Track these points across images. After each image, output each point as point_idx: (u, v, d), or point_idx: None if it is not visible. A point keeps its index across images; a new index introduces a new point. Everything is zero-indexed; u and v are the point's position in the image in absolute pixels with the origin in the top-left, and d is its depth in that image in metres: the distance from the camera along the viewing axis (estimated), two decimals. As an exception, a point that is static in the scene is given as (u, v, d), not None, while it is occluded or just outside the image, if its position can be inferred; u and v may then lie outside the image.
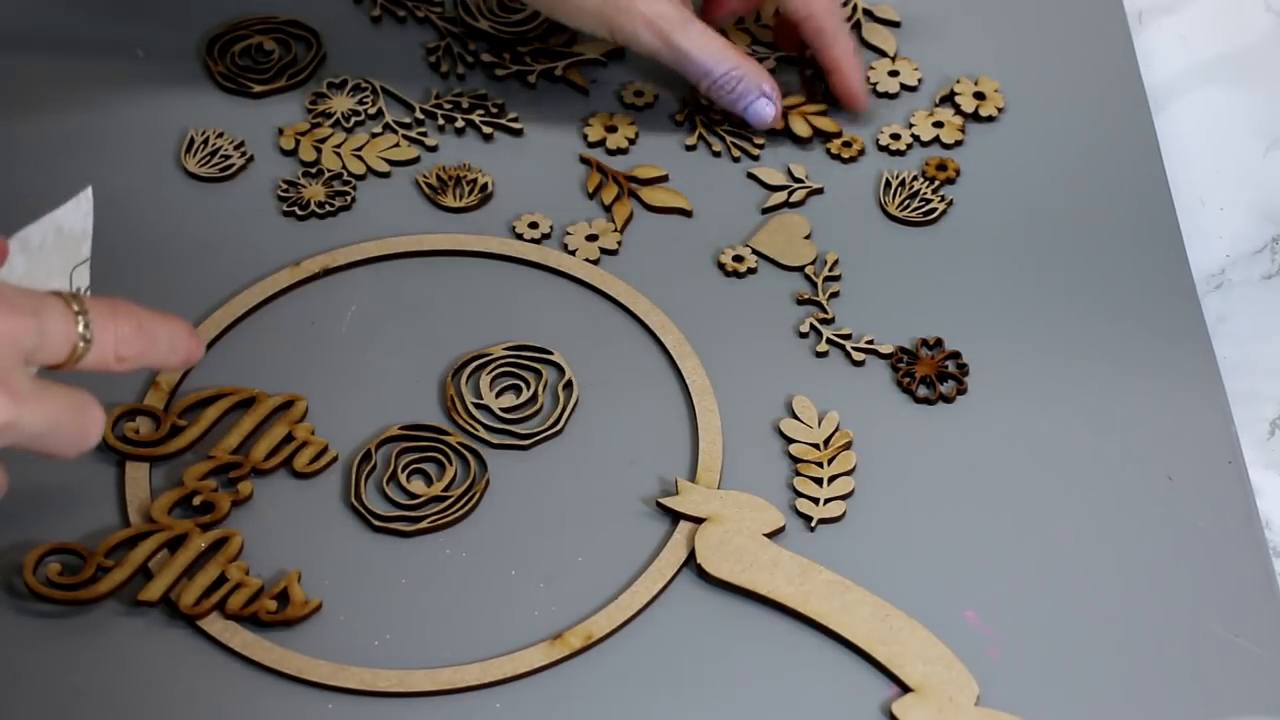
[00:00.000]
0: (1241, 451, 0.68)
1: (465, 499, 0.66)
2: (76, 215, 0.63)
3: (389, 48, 0.82)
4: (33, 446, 0.54)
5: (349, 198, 0.75)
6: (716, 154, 0.78)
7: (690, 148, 0.78)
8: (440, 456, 0.67)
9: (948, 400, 0.69)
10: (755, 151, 0.77)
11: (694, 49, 0.75)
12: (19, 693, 0.61)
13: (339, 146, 0.77)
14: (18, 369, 0.52)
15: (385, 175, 0.76)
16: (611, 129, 0.78)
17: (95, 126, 0.78)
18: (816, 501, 0.66)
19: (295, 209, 0.75)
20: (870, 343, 0.71)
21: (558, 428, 0.68)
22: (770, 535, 0.65)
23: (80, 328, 0.54)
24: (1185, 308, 0.73)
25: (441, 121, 0.79)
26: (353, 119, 0.78)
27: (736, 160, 0.77)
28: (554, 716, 0.61)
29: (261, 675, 0.61)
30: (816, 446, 0.68)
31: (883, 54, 0.82)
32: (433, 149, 0.78)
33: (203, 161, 0.76)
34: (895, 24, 0.83)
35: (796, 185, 0.76)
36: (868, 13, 0.83)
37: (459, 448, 0.67)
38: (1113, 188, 0.77)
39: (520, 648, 0.62)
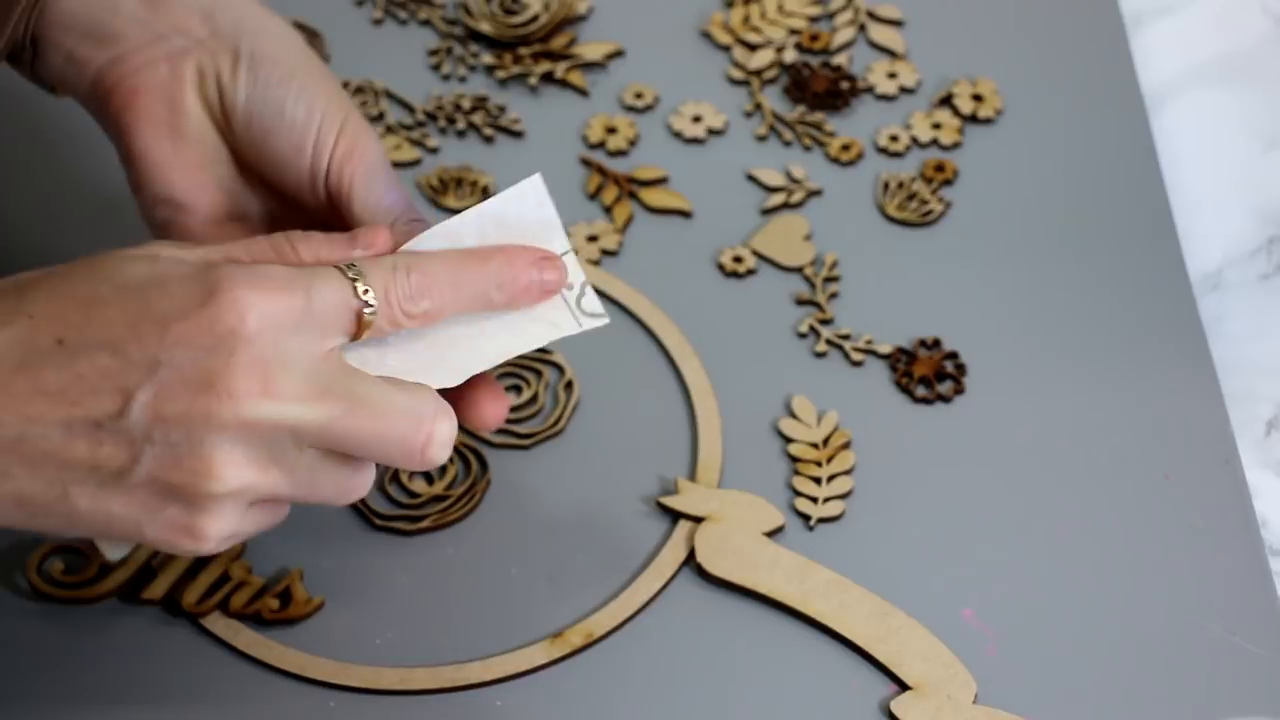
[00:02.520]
0: (1238, 451, 0.68)
1: (466, 498, 0.66)
2: (523, 205, 0.56)
3: (390, 50, 0.82)
4: (353, 450, 0.50)
5: (350, 199, 0.75)
6: (787, 144, 0.78)
7: (761, 138, 0.78)
8: (441, 456, 0.67)
9: (946, 400, 0.70)
10: (825, 139, 0.78)
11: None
12: (20, 692, 0.61)
13: (340, 148, 0.77)
14: (296, 358, 0.49)
15: (386, 177, 0.77)
16: (612, 131, 0.79)
17: (95, 126, 0.78)
18: (815, 501, 0.66)
19: (297, 210, 0.75)
20: (869, 343, 0.71)
21: (558, 428, 0.68)
22: (770, 534, 0.65)
23: (359, 292, 0.50)
24: (1182, 308, 0.73)
25: (443, 123, 0.79)
26: (354, 121, 0.78)
27: (807, 149, 0.78)
28: (555, 714, 0.61)
29: (264, 673, 0.61)
30: (816, 446, 0.68)
31: (890, 53, 0.82)
32: (434, 151, 0.78)
33: (205, 163, 0.76)
34: (899, 23, 0.83)
35: (796, 186, 0.77)
36: (871, 14, 0.84)
37: (460, 447, 0.67)
38: (1110, 189, 0.77)
39: (521, 646, 0.62)
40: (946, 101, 0.80)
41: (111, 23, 0.59)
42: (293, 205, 0.61)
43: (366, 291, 0.51)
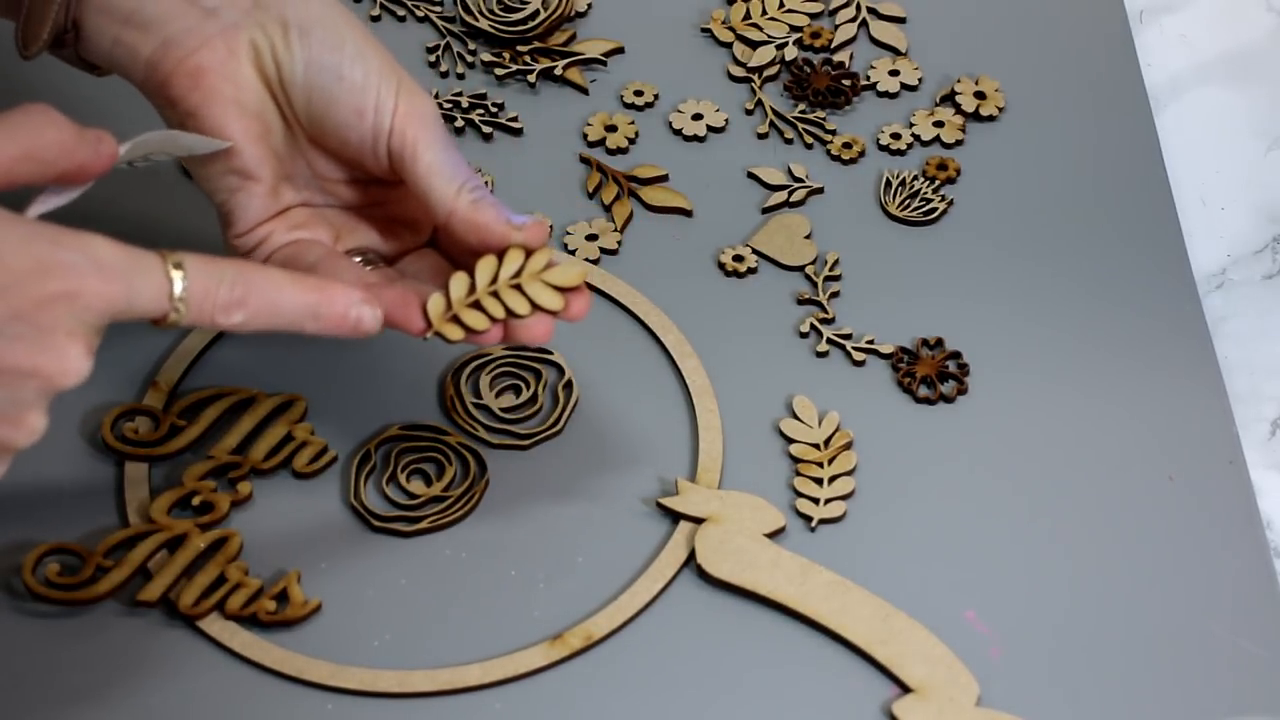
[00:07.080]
0: (1243, 451, 0.68)
1: (465, 499, 0.66)
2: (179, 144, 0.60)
3: (388, 46, 0.81)
4: None
5: (349, 197, 0.75)
6: (788, 141, 0.78)
7: (762, 136, 0.78)
8: (440, 456, 0.67)
9: (948, 400, 0.69)
10: (827, 137, 0.78)
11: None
12: (19, 693, 0.60)
13: (339, 146, 0.77)
14: (97, 329, 0.52)
15: (385, 175, 0.76)
16: (611, 128, 0.78)
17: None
18: (817, 501, 0.66)
19: (295, 208, 0.75)
20: (870, 343, 0.71)
21: (558, 428, 0.68)
22: (770, 535, 0.65)
23: (178, 291, 0.53)
24: (1186, 307, 0.73)
25: (441, 121, 0.78)
26: (352, 118, 0.78)
27: (809, 147, 0.77)
28: (554, 717, 0.61)
29: (261, 675, 0.61)
30: (817, 446, 0.67)
31: (894, 51, 0.82)
32: (432, 148, 0.78)
33: (202, 161, 0.76)
34: (901, 20, 0.83)
35: (797, 185, 0.76)
36: (872, 10, 0.83)
37: (459, 448, 0.67)
38: (1113, 187, 0.77)
39: (520, 648, 0.62)
40: (949, 99, 0.80)
41: (156, 5, 0.60)
42: (348, 168, 0.63)
43: (183, 290, 0.53)
